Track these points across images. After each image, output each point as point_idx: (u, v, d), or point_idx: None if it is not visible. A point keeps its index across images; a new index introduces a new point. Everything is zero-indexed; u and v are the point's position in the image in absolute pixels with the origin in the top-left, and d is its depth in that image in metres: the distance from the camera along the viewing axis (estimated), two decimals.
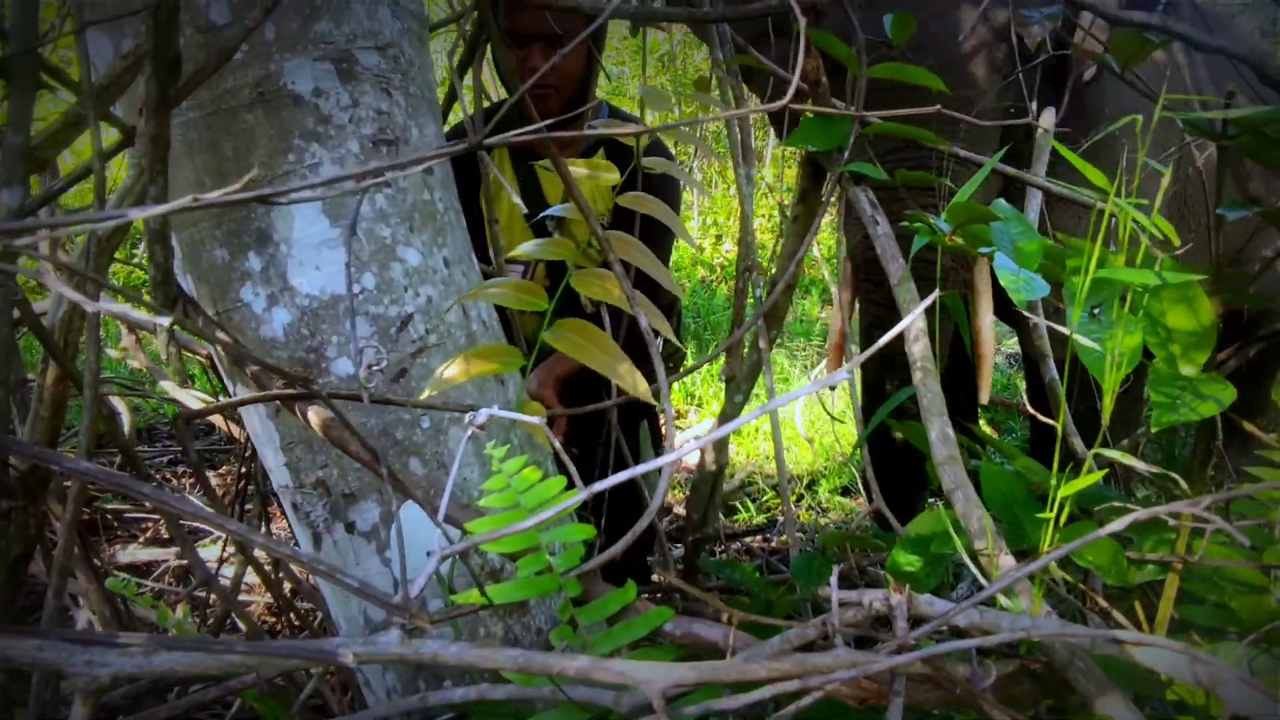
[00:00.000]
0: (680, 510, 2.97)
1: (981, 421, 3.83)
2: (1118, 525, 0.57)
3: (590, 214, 0.93)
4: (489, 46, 1.46)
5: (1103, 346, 0.69)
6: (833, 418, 2.14)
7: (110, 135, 1.10)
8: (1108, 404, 0.65)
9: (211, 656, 0.36)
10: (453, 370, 0.87)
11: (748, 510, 3.08)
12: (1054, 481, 0.65)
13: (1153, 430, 0.73)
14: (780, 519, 3.13)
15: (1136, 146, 0.86)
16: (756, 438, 3.74)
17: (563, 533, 0.69)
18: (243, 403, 0.89)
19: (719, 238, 6.37)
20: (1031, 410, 1.40)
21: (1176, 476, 0.70)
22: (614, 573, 2.19)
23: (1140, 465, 0.67)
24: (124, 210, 0.45)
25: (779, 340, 4.80)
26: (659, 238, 1.41)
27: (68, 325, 0.81)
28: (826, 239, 5.46)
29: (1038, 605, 0.67)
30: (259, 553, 2.16)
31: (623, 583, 1.87)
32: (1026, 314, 0.88)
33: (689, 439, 3.46)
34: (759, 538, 2.80)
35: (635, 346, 0.98)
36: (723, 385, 1.49)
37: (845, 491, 3.26)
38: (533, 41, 1.60)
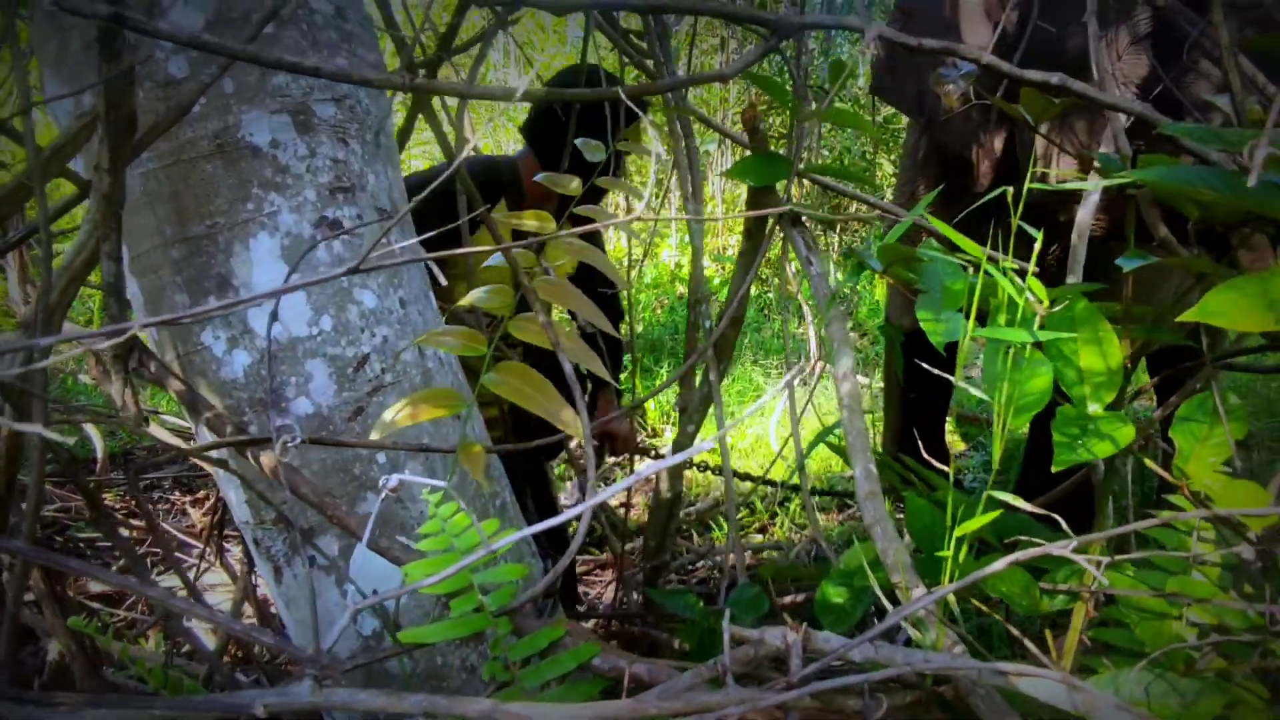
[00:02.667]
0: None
1: (955, 436, 3.89)
2: (999, 565, 0.61)
3: (517, 264, 0.98)
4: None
5: (1004, 389, 0.73)
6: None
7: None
8: (997, 448, 0.69)
9: (136, 712, 0.40)
10: (401, 414, 0.91)
11: (720, 529, 3.12)
12: (949, 523, 0.69)
13: (1054, 470, 0.78)
14: (761, 535, 3.18)
15: None
16: (730, 455, 3.78)
17: (494, 574, 0.73)
18: (196, 451, 0.92)
19: None
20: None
21: (1058, 516, 0.75)
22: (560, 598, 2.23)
23: (1024, 505, 0.72)
24: (129, 323, 0.49)
25: (755, 359, 4.86)
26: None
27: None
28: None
29: (941, 637, 0.71)
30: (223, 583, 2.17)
31: (561, 607, 1.89)
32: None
33: (646, 467, 3.50)
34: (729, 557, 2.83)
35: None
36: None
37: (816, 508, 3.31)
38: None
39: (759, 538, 3.15)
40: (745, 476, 2.55)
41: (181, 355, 1.12)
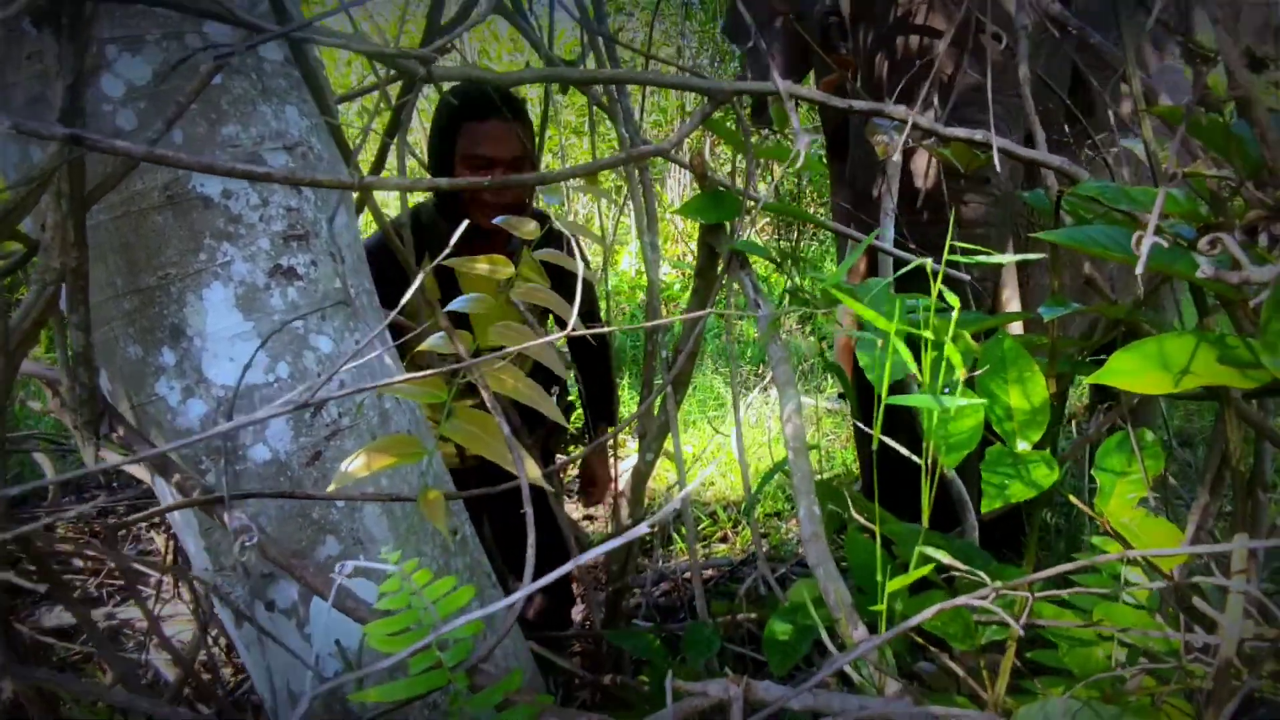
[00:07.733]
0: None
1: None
2: (929, 613, 0.65)
3: (454, 333, 1.01)
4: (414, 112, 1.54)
5: (930, 445, 0.78)
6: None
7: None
8: (926, 496, 0.73)
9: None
10: (355, 464, 0.92)
11: (680, 540, 3.16)
12: (879, 578, 0.73)
13: (982, 512, 0.82)
14: (724, 545, 3.22)
15: None
16: (694, 466, 3.82)
17: (452, 631, 0.75)
18: (164, 511, 0.93)
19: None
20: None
21: (983, 575, 0.79)
22: (547, 619, 2.27)
23: (958, 565, 0.76)
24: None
25: (715, 367, 4.91)
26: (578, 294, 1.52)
27: None
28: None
29: (883, 680, 0.75)
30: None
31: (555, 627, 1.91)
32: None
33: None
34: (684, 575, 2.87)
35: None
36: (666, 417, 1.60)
37: (777, 515, 3.37)
38: (493, 165, 1.76)
39: (722, 547, 3.20)
40: None
41: (136, 406, 1.13)
